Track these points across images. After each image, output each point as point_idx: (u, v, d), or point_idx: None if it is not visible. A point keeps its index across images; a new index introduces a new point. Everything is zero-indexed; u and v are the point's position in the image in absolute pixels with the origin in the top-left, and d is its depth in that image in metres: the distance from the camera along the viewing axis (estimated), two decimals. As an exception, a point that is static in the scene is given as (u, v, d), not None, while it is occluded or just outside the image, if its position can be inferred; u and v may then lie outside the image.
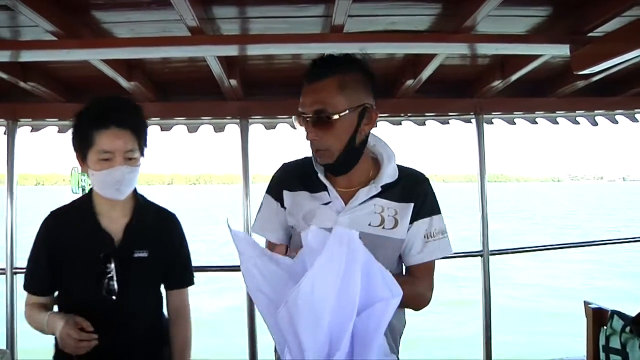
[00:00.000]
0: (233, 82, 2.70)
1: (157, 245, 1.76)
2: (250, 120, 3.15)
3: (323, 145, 1.46)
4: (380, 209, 1.50)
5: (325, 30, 2.15)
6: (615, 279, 13.73)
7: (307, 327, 0.67)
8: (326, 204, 1.53)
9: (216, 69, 2.43)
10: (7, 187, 2.94)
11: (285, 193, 1.58)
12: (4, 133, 2.96)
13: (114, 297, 1.65)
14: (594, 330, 2.26)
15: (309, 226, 1.34)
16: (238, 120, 3.14)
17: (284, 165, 1.65)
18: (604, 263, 15.83)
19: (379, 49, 2.29)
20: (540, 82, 3.33)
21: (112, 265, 1.65)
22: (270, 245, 1.49)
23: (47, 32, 1.96)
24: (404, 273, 1.59)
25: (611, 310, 2.16)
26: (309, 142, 1.49)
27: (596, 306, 2.29)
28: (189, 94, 3.12)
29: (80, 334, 1.50)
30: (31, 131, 3.07)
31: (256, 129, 3.25)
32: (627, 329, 1.98)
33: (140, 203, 1.78)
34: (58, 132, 3.07)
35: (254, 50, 2.27)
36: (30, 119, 3.00)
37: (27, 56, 2.14)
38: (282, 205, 1.58)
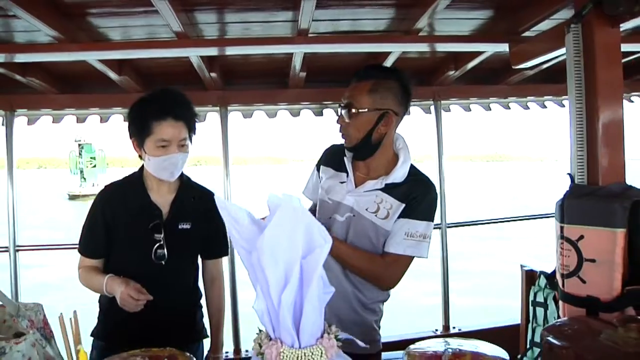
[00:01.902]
0: (213, 74, 2.99)
1: (198, 219, 1.97)
2: (229, 108, 3.43)
3: (345, 131, 1.82)
4: (380, 200, 1.80)
5: (294, 33, 2.45)
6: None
7: (269, 266, 0.98)
8: (342, 182, 1.89)
9: (198, 65, 2.72)
10: (7, 172, 3.19)
11: (322, 167, 1.99)
12: (2, 123, 3.21)
13: (163, 262, 1.88)
14: (526, 289, 2.64)
15: (327, 196, 1.87)
16: (218, 108, 3.41)
17: (330, 146, 2.02)
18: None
19: (340, 49, 2.60)
20: (494, 71, 3.66)
21: (162, 235, 1.89)
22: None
23: (47, 35, 2.23)
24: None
25: (539, 271, 2.54)
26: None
27: (529, 268, 2.65)
28: (172, 85, 3.38)
29: (139, 295, 1.73)
30: (28, 124, 3.31)
31: (234, 116, 3.53)
32: (548, 285, 2.36)
33: (184, 182, 2.01)
34: (52, 122, 3.33)
35: (231, 51, 2.57)
36: (26, 109, 3.24)
37: (30, 58, 2.41)
38: (319, 176, 1.99)
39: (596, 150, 1.93)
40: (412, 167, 1.85)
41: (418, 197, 1.79)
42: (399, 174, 1.81)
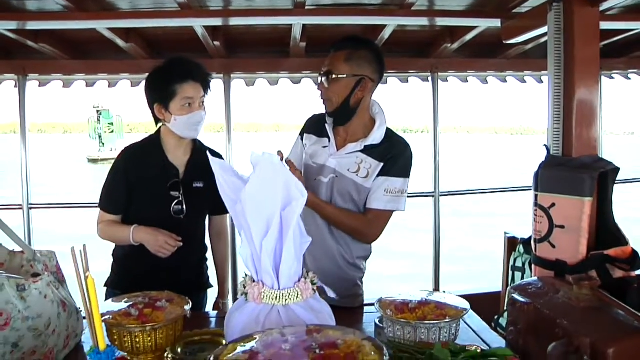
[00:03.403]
0: (217, 43, 3.10)
1: (210, 179, 2.15)
2: (232, 76, 3.55)
3: (326, 96, 1.97)
4: (360, 160, 1.97)
5: (293, 5, 2.55)
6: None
7: (251, 215, 1.13)
8: (325, 147, 2.05)
9: (201, 34, 2.84)
10: (20, 134, 3.36)
11: (305, 135, 2.15)
12: (15, 87, 3.35)
13: (181, 217, 2.07)
14: (508, 254, 2.80)
15: (312, 160, 2.01)
16: (222, 76, 3.53)
17: (312, 116, 2.18)
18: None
19: (336, 21, 2.72)
20: (492, 45, 3.73)
21: (179, 192, 2.07)
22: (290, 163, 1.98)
23: (58, 4, 2.36)
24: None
25: (520, 238, 2.69)
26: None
27: (511, 235, 2.81)
28: (178, 52, 3.50)
29: (175, 242, 1.97)
30: (39, 86, 3.45)
31: (237, 84, 3.65)
32: (524, 250, 2.52)
33: (197, 145, 2.18)
34: (63, 86, 3.47)
35: (233, 22, 2.70)
36: (38, 74, 3.39)
37: (41, 25, 2.55)
38: (303, 144, 2.14)
39: (571, 123, 2.05)
40: (388, 130, 2.01)
41: (395, 156, 1.95)
42: (376, 136, 1.97)
